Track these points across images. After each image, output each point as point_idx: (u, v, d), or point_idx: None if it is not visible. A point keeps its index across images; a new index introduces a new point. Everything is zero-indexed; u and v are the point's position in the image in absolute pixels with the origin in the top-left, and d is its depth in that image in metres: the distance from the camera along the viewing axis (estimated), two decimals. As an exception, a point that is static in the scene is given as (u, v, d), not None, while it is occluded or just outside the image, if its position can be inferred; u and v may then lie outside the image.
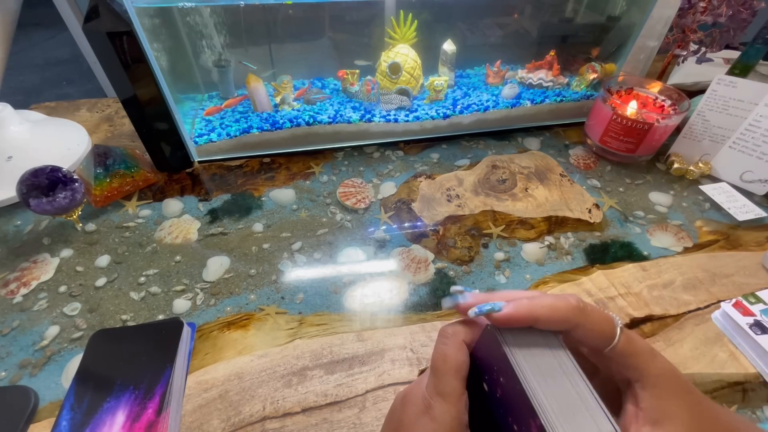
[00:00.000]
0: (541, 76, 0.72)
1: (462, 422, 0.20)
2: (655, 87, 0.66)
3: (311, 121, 0.63)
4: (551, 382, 0.18)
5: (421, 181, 0.61)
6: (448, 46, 0.69)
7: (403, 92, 0.68)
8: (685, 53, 0.77)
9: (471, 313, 0.21)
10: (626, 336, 0.20)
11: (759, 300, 0.44)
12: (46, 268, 0.47)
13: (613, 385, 0.22)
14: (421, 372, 0.23)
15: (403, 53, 0.67)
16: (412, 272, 0.49)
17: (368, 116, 0.65)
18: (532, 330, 0.20)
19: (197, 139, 0.61)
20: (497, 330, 0.20)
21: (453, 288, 0.24)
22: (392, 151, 0.67)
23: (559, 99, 0.71)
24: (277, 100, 0.66)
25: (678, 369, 0.20)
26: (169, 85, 0.54)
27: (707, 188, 0.61)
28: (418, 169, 0.63)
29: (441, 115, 0.67)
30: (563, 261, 0.51)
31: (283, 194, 0.58)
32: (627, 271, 0.50)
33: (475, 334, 0.22)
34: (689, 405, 0.19)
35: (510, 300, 0.20)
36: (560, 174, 0.64)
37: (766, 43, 0.74)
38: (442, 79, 0.68)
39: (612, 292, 0.47)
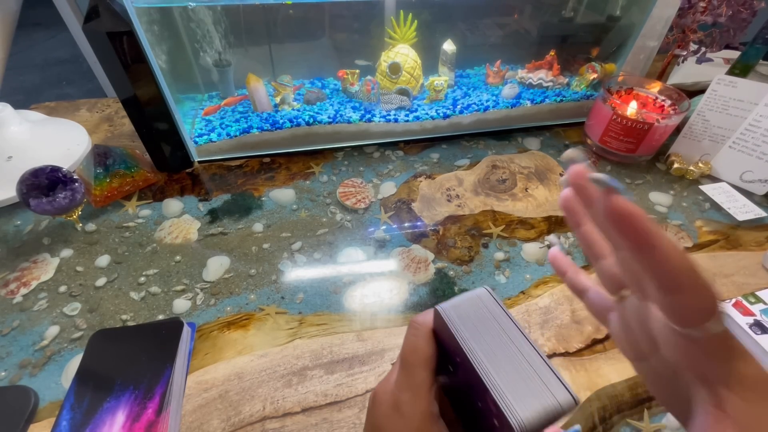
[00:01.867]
0: (541, 76, 0.72)
1: (431, 414, 0.20)
2: (655, 87, 0.66)
3: (311, 121, 0.63)
4: (499, 353, 0.18)
5: (421, 181, 0.61)
6: (448, 46, 0.69)
7: (403, 92, 0.68)
8: (685, 53, 0.77)
9: (591, 176, 0.16)
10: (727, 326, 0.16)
11: (759, 300, 0.44)
12: (46, 268, 0.47)
13: (669, 374, 0.19)
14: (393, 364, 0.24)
15: (403, 53, 0.67)
16: (412, 272, 0.49)
17: (368, 116, 0.65)
18: (476, 305, 0.20)
19: (197, 139, 0.61)
20: (443, 311, 0.20)
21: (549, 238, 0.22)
22: (392, 151, 0.67)
23: (559, 99, 0.71)
24: (277, 100, 0.66)
25: None
26: (169, 85, 0.54)
27: (707, 188, 0.61)
28: (418, 169, 0.63)
29: (441, 115, 0.67)
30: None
31: (283, 194, 0.58)
32: (627, 271, 0.50)
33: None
34: None
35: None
36: (560, 174, 0.64)
37: (766, 43, 0.74)
38: (442, 79, 0.68)
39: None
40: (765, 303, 0.43)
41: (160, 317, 0.43)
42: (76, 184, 0.48)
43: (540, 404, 0.17)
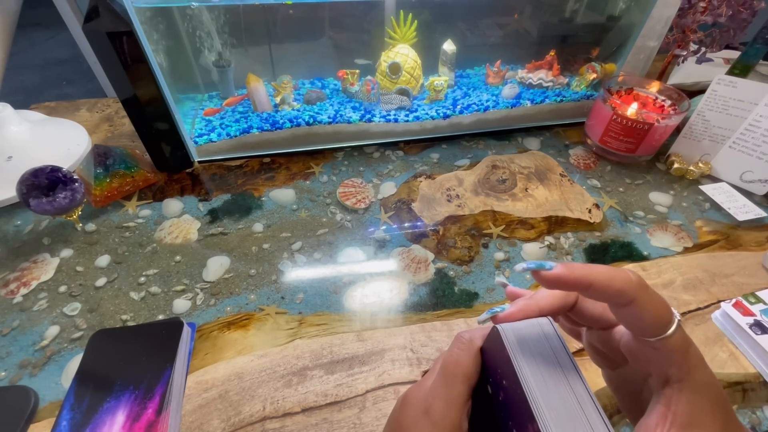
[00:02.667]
0: (541, 76, 0.72)
1: (461, 429, 0.20)
2: (655, 87, 0.66)
3: (311, 121, 0.63)
4: (552, 387, 0.18)
5: (421, 181, 0.61)
6: (448, 46, 0.69)
7: (403, 92, 0.68)
8: (685, 53, 0.77)
9: (518, 267, 0.20)
10: (682, 330, 0.18)
11: (759, 300, 0.44)
12: (46, 268, 0.47)
13: (637, 384, 0.21)
14: (425, 373, 0.23)
15: (403, 53, 0.67)
16: (412, 272, 0.49)
17: (368, 116, 0.65)
18: (537, 333, 0.20)
19: (197, 139, 0.61)
20: (503, 332, 0.20)
21: (497, 280, 0.24)
22: (392, 151, 0.67)
23: (559, 99, 0.71)
24: (277, 100, 0.66)
25: (720, 385, 0.19)
26: (169, 85, 0.54)
27: (707, 188, 0.61)
28: (418, 169, 0.63)
29: (441, 115, 0.67)
30: (563, 261, 0.51)
31: (283, 194, 0.58)
32: (627, 271, 0.50)
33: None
34: (722, 422, 0.18)
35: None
36: (560, 174, 0.64)
37: (766, 43, 0.74)
38: (442, 79, 0.68)
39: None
40: (765, 303, 0.43)
41: (160, 317, 0.43)
42: (76, 184, 0.48)
43: None
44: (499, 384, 0.20)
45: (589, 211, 0.58)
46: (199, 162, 0.63)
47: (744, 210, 0.57)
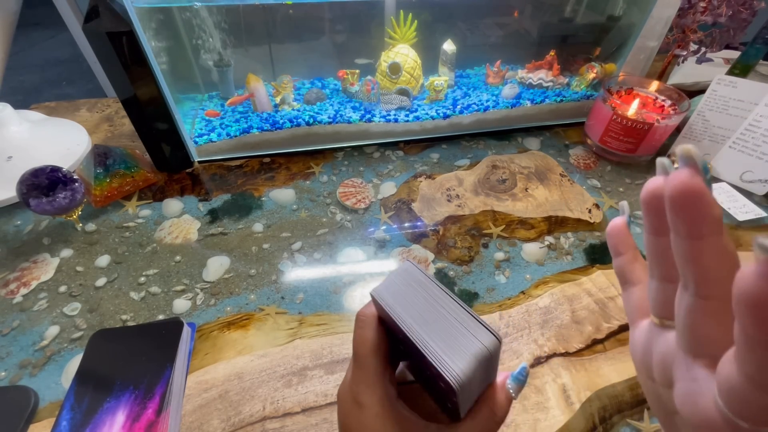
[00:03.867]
0: (541, 76, 0.72)
1: (389, 397, 0.21)
2: (655, 87, 0.66)
3: (311, 121, 0.63)
4: (430, 321, 0.19)
5: (421, 181, 0.61)
6: (448, 46, 0.69)
7: (403, 92, 0.68)
8: (685, 53, 0.77)
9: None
10: None
11: (759, 300, 0.44)
12: (46, 268, 0.47)
13: (673, 407, 0.16)
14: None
15: (403, 53, 0.67)
16: (412, 272, 0.49)
17: (368, 116, 0.65)
18: (404, 278, 0.21)
19: (197, 139, 0.61)
20: (378, 296, 0.21)
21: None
22: (392, 151, 0.67)
23: (559, 99, 0.71)
24: (277, 100, 0.66)
25: None
26: (169, 85, 0.54)
27: (707, 188, 0.61)
28: (418, 169, 0.63)
29: (441, 115, 0.67)
30: (563, 261, 0.51)
31: (283, 194, 0.58)
32: (627, 271, 0.50)
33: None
34: None
35: None
36: (560, 174, 0.64)
37: (766, 43, 0.74)
38: (442, 79, 0.68)
39: (612, 292, 0.47)
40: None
41: (160, 317, 0.43)
42: (76, 184, 0.48)
43: (469, 354, 0.18)
44: (401, 340, 0.21)
45: (589, 211, 0.58)
46: (199, 162, 0.63)
47: (744, 210, 0.57)
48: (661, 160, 0.16)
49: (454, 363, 0.18)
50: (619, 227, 0.21)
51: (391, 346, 0.22)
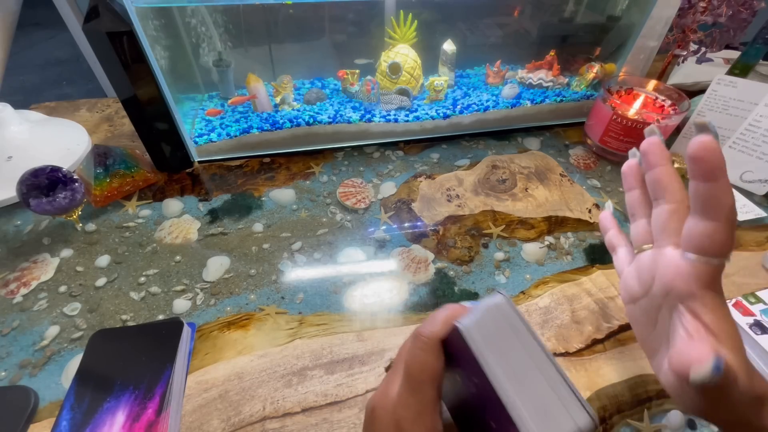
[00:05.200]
0: (541, 76, 0.72)
1: (436, 431, 0.20)
2: (655, 87, 0.66)
3: (311, 121, 0.63)
4: (524, 380, 0.18)
5: (421, 181, 0.61)
6: (448, 46, 0.69)
7: (403, 92, 0.68)
8: (685, 53, 0.77)
9: (697, 120, 0.21)
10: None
11: (759, 300, 0.44)
12: (46, 268, 0.47)
13: (653, 312, 0.26)
14: (387, 368, 0.22)
15: (403, 53, 0.67)
16: (412, 272, 0.49)
17: (368, 116, 0.65)
18: (496, 318, 0.19)
19: (197, 139, 0.61)
20: (465, 331, 0.19)
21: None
22: (392, 151, 0.67)
23: (559, 99, 0.71)
24: (277, 100, 0.66)
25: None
26: (169, 85, 0.54)
27: (707, 188, 0.61)
28: (418, 169, 0.63)
29: (441, 115, 0.67)
30: (563, 261, 0.51)
31: (283, 194, 0.58)
32: (627, 271, 0.50)
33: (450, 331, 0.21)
34: (739, 338, 0.22)
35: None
36: (560, 174, 0.64)
37: (766, 43, 0.74)
38: (442, 79, 0.68)
39: (612, 292, 0.47)
40: (765, 303, 0.43)
41: (160, 317, 0.43)
42: (76, 184, 0.48)
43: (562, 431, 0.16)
44: (469, 378, 0.19)
45: (589, 211, 0.58)
46: (199, 162, 0.63)
47: (744, 210, 0.57)
48: (632, 150, 0.30)
49: None
50: (606, 214, 0.34)
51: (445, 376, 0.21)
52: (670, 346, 0.23)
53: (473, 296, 0.46)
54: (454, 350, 0.20)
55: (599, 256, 0.51)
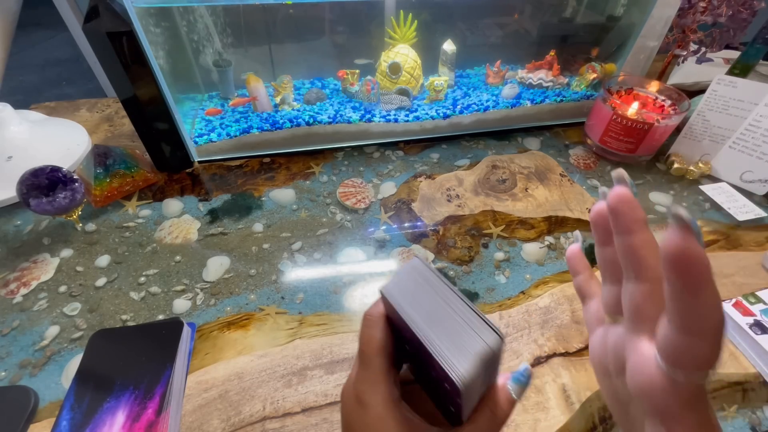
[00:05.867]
0: (541, 76, 0.72)
1: (393, 398, 0.21)
2: (655, 87, 0.66)
3: (311, 121, 0.63)
4: (438, 319, 0.19)
5: (421, 181, 0.61)
6: (448, 46, 0.69)
7: (403, 92, 0.68)
8: (685, 53, 0.77)
9: (675, 211, 0.15)
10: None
11: (759, 300, 0.44)
12: (46, 268, 0.47)
13: (626, 398, 0.21)
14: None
15: (403, 53, 0.67)
16: (412, 272, 0.49)
17: (368, 116, 0.65)
18: (412, 276, 0.21)
19: (197, 139, 0.61)
20: (386, 291, 0.20)
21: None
22: (392, 151, 0.67)
23: (559, 99, 0.71)
24: (277, 100, 0.66)
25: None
26: (169, 85, 0.54)
27: (707, 188, 0.61)
28: (418, 169, 0.63)
29: (441, 115, 0.67)
30: (563, 261, 0.51)
31: (283, 194, 0.58)
32: (627, 271, 0.50)
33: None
34: None
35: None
36: (560, 174, 0.64)
37: (766, 43, 0.74)
38: (442, 79, 0.68)
39: (612, 292, 0.47)
40: (765, 303, 0.43)
41: (160, 317, 0.43)
42: (76, 184, 0.48)
43: (474, 353, 0.18)
44: (407, 340, 0.21)
45: (589, 211, 0.57)
46: (199, 162, 0.63)
47: (744, 210, 0.57)
48: (602, 189, 0.21)
49: (459, 363, 0.18)
50: (575, 252, 0.27)
51: (396, 346, 0.22)
52: None
53: (473, 296, 0.46)
54: (394, 319, 0.22)
55: (599, 256, 0.51)
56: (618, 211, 0.18)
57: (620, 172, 0.19)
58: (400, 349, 0.23)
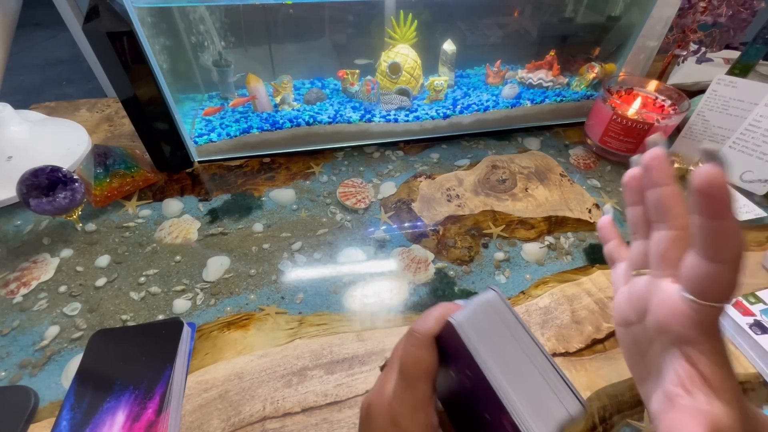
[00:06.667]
0: (541, 76, 0.72)
1: (432, 426, 0.20)
2: (655, 87, 0.66)
3: (311, 121, 0.63)
4: (516, 371, 0.18)
5: (421, 181, 0.61)
6: (448, 46, 0.69)
7: (403, 92, 0.68)
8: (685, 53, 0.77)
9: (706, 148, 0.18)
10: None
11: (759, 300, 0.44)
12: (46, 268, 0.47)
13: (644, 344, 0.23)
14: (382, 368, 0.22)
15: (403, 53, 0.67)
16: (412, 272, 0.49)
17: (368, 116, 0.65)
18: (488, 313, 0.20)
19: (197, 139, 0.61)
20: (457, 325, 0.19)
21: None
22: (392, 151, 0.67)
23: (559, 99, 0.71)
24: (277, 100, 0.66)
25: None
26: (169, 85, 0.54)
27: (707, 188, 0.61)
28: (418, 169, 0.63)
29: (441, 115, 0.67)
30: (563, 261, 0.51)
31: (283, 194, 0.58)
32: (627, 271, 0.50)
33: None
34: (738, 389, 0.20)
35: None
36: (560, 174, 0.64)
37: (766, 43, 0.74)
38: (442, 79, 0.68)
39: (612, 292, 0.47)
40: (765, 303, 0.43)
41: (160, 317, 0.43)
42: (76, 184, 0.48)
43: (554, 420, 0.17)
44: (462, 372, 0.20)
45: (589, 211, 0.58)
46: (199, 162, 0.63)
47: (744, 210, 0.57)
48: (634, 157, 0.25)
49: (538, 427, 0.17)
50: (607, 221, 0.30)
51: (439, 372, 0.21)
52: (660, 384, 0.21)
53: (473, 296, 0.46)
54: (447, 346, 0.20)
55: (599, 256, 0.51)
56: (652, 166, 0.22)
57: (656, 136, 0.22)
58: (443, 375, 0.21)
